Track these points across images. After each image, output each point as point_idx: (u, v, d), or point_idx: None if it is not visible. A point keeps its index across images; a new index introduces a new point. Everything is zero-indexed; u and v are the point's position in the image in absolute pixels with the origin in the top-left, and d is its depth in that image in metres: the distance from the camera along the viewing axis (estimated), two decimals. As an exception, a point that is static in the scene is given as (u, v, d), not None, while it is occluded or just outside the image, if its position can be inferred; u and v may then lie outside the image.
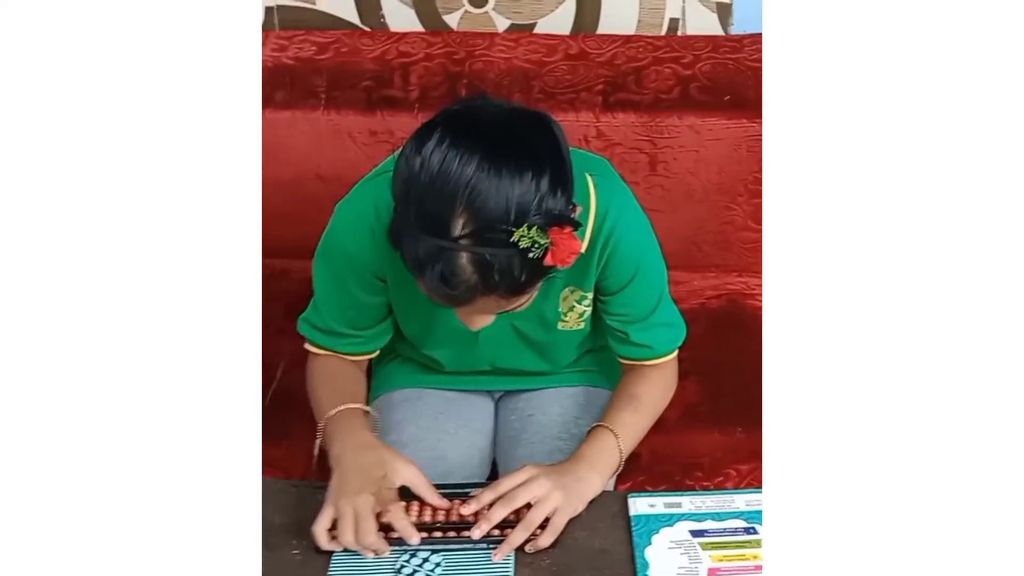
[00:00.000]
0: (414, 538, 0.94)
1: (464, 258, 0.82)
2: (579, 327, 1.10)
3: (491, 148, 0.81)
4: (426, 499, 0.98)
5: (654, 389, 1.10)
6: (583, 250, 0.98)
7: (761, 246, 1.53)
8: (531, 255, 0.82)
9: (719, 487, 1.22)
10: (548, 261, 0.83)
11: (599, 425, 1.06)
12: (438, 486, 0.99)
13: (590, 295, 1.06)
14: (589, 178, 0.99)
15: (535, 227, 0.81)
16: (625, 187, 1.05)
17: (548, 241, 0.82)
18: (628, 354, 1.11)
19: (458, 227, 0.81)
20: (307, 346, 1.12)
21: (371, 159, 1.40)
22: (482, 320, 0.93)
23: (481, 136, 0.82)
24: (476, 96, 0.89)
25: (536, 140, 0.84)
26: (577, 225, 0.85)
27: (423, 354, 1.16)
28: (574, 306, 1.07)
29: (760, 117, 1.45)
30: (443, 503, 0.98)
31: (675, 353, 1.13)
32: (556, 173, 0.83)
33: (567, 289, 1.05)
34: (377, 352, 1.14)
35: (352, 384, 1.10)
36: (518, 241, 0.81)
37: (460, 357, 1.15)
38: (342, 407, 1.04)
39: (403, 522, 0.94)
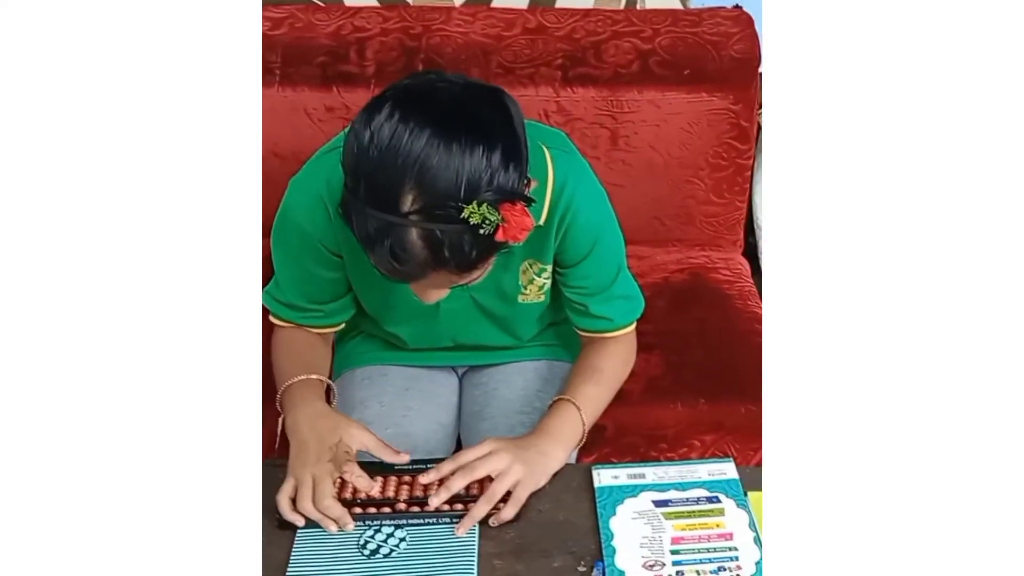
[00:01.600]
0: (374, 488, 0.95)
1: (414, 234, 0.81)
2: (539, 300, 1.10)
3: (441, 123, 0.80)
4: (382, 457, 0.98)
5: (614, 361, 1.11)
6: (541, 222, 0.98)
7: (723, 220, 1.54)
8: (482, 231, 0.81)
9: (683, 458, 1.22)
10: (499, 237, 0.82)
11: (561, 398, 1.06)
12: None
13: (549, 267, 1.06)
14: (546, 150, 0.99)
15: (485, 204, 0.80)
16: (582, 160, 1.05)
17: (499, 218, 0.81)
18: (588, 326, 1.11)
19: (407, 203, 0.80)
20: (271, 318, 1.11)
21: (327, 135, 1.37)
22: (437, 294, 0.93)
23: (431, 111, 0.80)
24: (430, 71, 0.87)
25: (488, 115, 0.83)
26: (530, 201, 0.84)
27: (385, 331, 1.15)
28: (533, 279, 1.07)
29: (720, 91, 1.45)
30: (400, 458, 0.98)
31: (634, 325, 1.13)
32: (508, 148, 0.82)
33: (526, 262, 1.05)
34: (342, 325, 1.14)
35: (312, 356, 1.09)
36: (468, 217, 0.80)
37: (422, 333, 1.14)
38: (298, 378, 1.04)
39: (361, 479, 0.94)
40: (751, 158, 1.51)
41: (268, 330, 1.19)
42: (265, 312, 1.10)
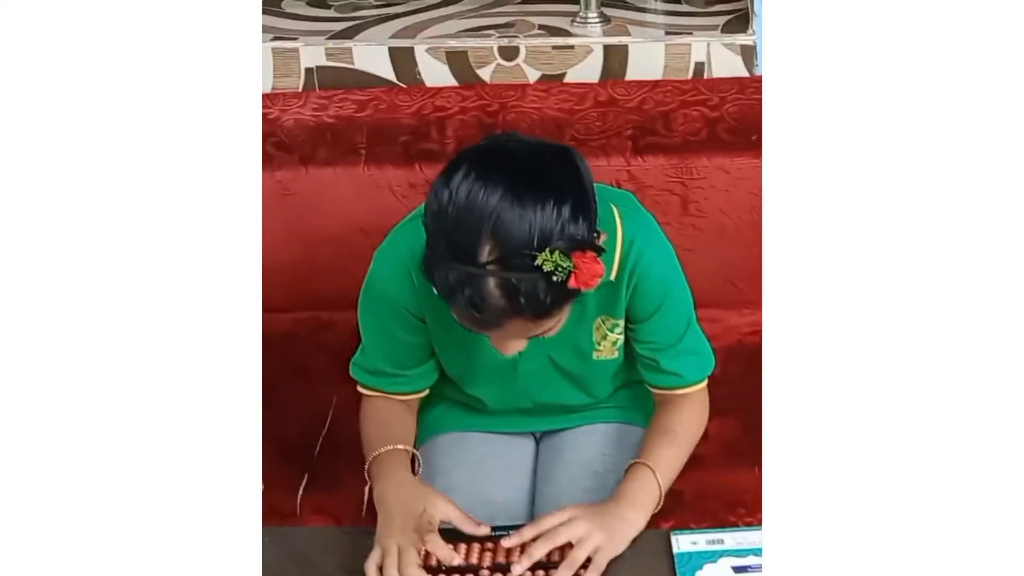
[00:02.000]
0: (455, 559, 0.97)
1: (491, 283, 0.87)
2: (613, 356, 1.13)
3: (514, 179, 0.86)
4: (464, 529, 1.01)
5: (688, 421, 1.13)
6: (612, 278, 1.02)
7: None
8: (555, 278, 0.86)
9: (762, 523, 1.22)
10: (572, 284, 0.87)
11: (637, 462, 1.08)
12: None
13: (621, 322, 1.09)
14: (614, 208, 1.04)
15: (557, 252, 0.86)
16: (649, 216, 1.10)
17: (571, 265, 0.86)
18: (659, 383, 1.13)
19: (485, 254, 0.86)
20: (359, 388, 1.17)
21: (410, 211, 1.45)
22: (515, 345, 0.97)
23: (504, 168, 0.87)
24: (502, 133, 0.94)
25: (558, 171, 0.89)
26: (600, 251, 0.89)
27: (466, 394, 1.20)
28: (607, 335, 1.10)
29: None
30: (481, 530, 1.01)
31: (705, 383, 1.15)
32: (578, 201, 0.88)
33: (599, 319, 1.09)
34: (426, 391, 1.18)
35: (398, 426, 1.14)
36: (542, 265, 0.85)
37: (502, 394, 1.18)
38: (385, 448, 1.08)
39: (443, 550, 0.98)
40: (822, 219, 1.52)
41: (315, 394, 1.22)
42: (314, 379, 1.15)
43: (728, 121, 1.49)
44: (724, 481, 1.26)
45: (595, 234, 0.91)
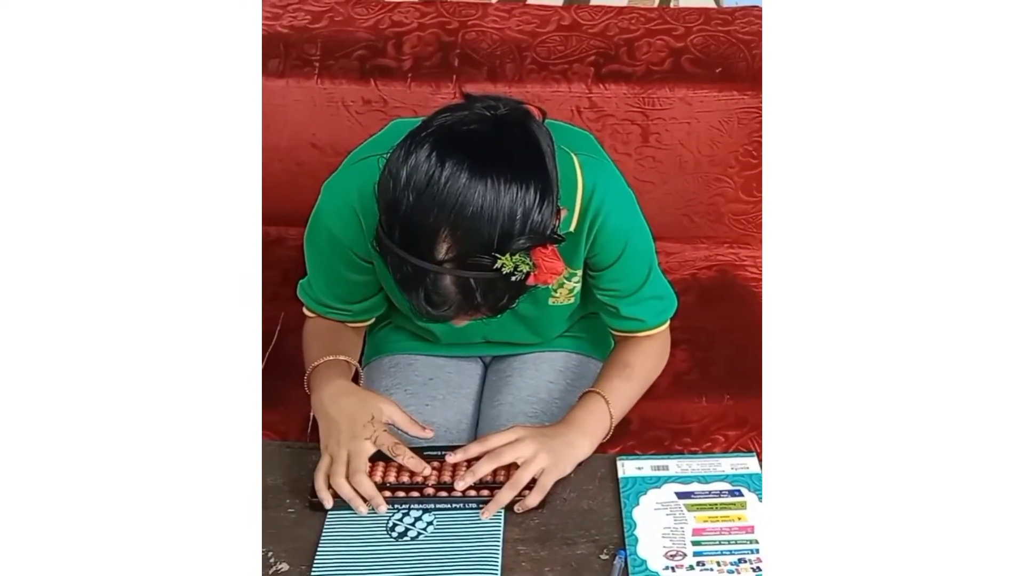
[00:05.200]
0: (426, 469, 0.97)
1: (448, 280, 0.84)
2: (569, 302, 1.11)
3: (476, 166, 0.81)
4: (409, 431, 1.01)
5: (647, 358, 1.12)
6: (572, 229, 0.99)
7: (752, 218, 1.55)
8: (514, 279, 0.83)
9: (707, 452, 1.24)
10: (531, 282, 0.85)
11: (591, 391, 1.07)
12: (425, 448, 1.02)
13: (579, 272, 1.07)
14: (574, 157, 1.00)
15: (519, 254, 0.83)
16: (610, 163, 1.06)
17: (531, 265, 0.84)
18: (620, 327, 1.12)
19: (443, 251, 0.83)
20: (304, 310, 1.14)
21: (365, 128, 1.41)
22: (466, 320, 0.94)
23: (466, 157, 0.81)
24: (461, 103, 0.87)
25: (521, 153, 0.84)
26: (561, 240, 0.86)
27: (418, 325, 1.18)
28: (564, 283, 1.08)
29: (751, 90, 1.46)
30: (426, 434, 1.01)
31: (667, 324, 1.14)
32: (541, 185, 0.83)
33: None
34: (372, 320, 1.16)
35: (340, 340, 1.11)
36: (502, 267, 0.82)
37: (454, 331, 1.16)
38: (325, 359, 1.06)
39: (413, 460, 0.97)
40: (781, 157, 1.51)
41: (269, 314, 1.21)
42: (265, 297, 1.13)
43: (693, 52, 1.46)
44: (672, 411, 1.28)
45: (557, 211, 0.87)
